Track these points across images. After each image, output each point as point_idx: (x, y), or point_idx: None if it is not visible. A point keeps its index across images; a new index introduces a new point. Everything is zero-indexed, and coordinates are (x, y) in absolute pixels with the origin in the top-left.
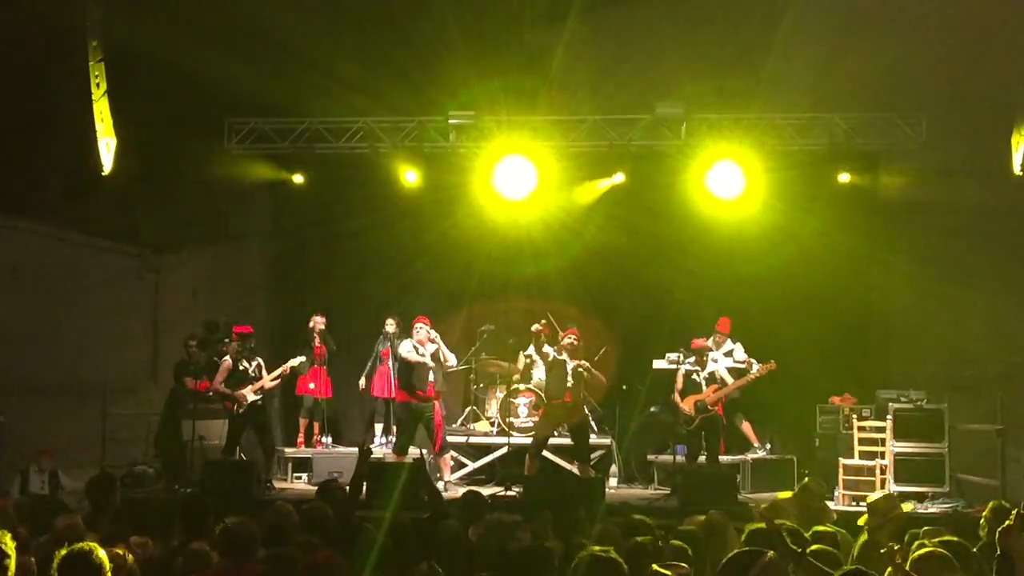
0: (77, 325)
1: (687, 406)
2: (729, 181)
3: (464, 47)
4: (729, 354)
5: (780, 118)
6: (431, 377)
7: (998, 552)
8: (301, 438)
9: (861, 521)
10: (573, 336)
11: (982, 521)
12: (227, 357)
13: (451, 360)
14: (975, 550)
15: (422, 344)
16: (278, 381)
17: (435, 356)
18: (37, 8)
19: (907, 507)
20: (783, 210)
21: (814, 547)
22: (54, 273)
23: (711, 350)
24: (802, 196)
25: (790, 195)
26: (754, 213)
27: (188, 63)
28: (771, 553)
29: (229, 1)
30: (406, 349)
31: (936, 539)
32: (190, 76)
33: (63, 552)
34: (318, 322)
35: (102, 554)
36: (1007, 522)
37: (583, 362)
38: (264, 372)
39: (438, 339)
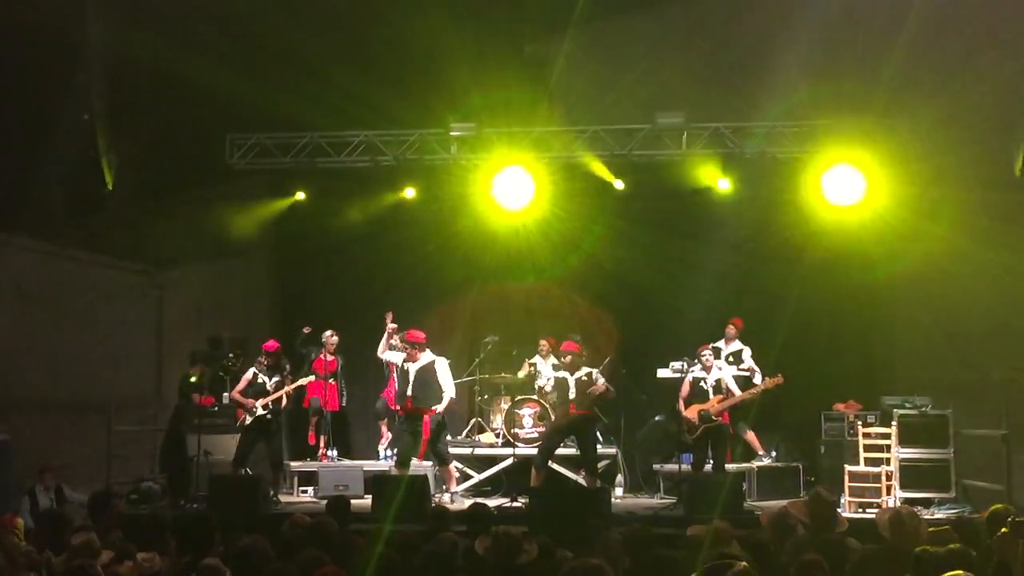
0: (81, 342)
1: (691, 415)
2: (731, 188)
3: (464, 59)
4: (737, 355)
5: (780, 126)
6: (409, 391)
7: (996, 559)
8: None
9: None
10: (571, 352)
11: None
12: (252, 368)
13: (448, 391)
14: (974, 554)
15: (412, 360)
16: (285, 398)
17: (426, 371)
18: (38, 21)
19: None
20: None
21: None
22: (58, 290)
23: (715, 356)
24: (803, 202)
25: (793, 202)
26: (755, 221)
27: (189, 78)
28: (743, 564)
29: (230, 16)
30: (396, 357)
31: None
32: (191, 91)
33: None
34: (330, 340)
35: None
36: (1003, 529)
37: (593, 372)
38: (285, 388)
39: (442, 367)
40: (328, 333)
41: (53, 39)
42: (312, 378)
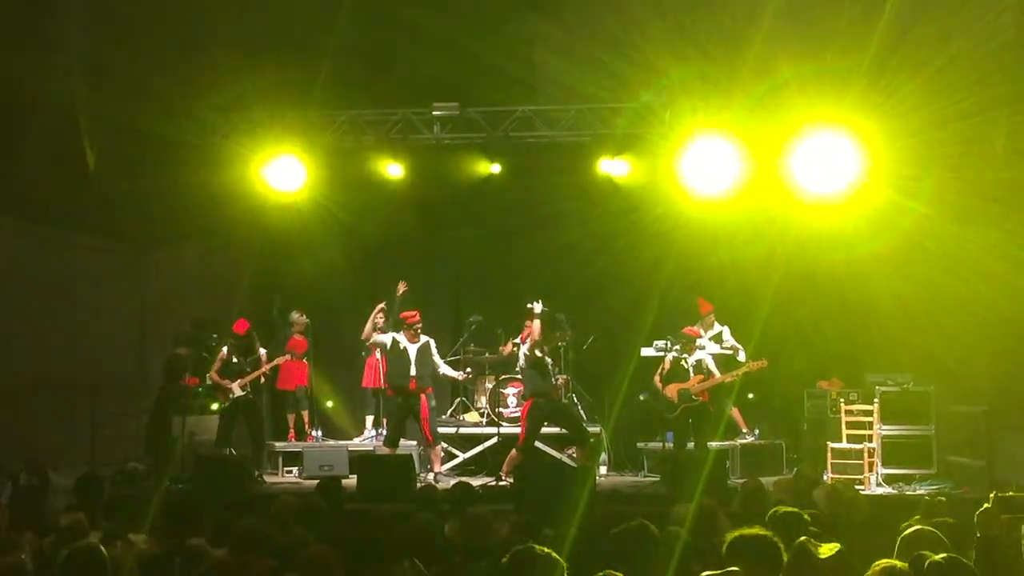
0: (64, 323)
1: (671, 393)
2: (713, 167)
3: (447, 37)
4: (717, 337)
5: (764, 102)
6: (413, 371)
7: (977, 534)
8: (292, 433)
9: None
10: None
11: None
12: (224, 348)
13: (442, 368)
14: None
15: (412, 340)
16: (261, 377)
17: (424, 351)
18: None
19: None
20: (767, 195)
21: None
22: (40, 272)
23: (699, 336)
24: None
25: (773, 180)
26: (738, 199)
27: (172, 58)
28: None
29: None
30: (385, 338)
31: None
32: (174, 71)
33: (67, 549)
34: (299, 321)
35: (104, 551)
36: (985, 505)
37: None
38: (262, 366)
39: (434, 346)
40: (296, 314)
41: (33, 19)
42: (288, 357)
